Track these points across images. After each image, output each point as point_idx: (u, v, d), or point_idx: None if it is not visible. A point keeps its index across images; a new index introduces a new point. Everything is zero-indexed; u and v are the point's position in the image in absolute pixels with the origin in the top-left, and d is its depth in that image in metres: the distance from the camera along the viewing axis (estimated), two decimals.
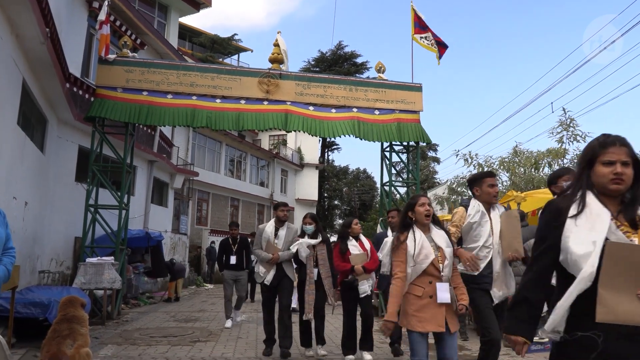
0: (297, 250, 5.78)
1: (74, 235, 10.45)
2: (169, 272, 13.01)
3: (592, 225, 1.81)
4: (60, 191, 10.15)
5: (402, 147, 10.84)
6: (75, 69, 10.50)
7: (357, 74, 35.05)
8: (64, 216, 10.16)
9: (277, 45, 10.38)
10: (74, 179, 10.76)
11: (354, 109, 10.06)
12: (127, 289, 10.65)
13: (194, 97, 9.56)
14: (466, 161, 15.81)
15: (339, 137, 10.07)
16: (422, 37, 11.18)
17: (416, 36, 11.21)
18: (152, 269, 12.77)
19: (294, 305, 9.11)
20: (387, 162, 10.75)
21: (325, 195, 39.03)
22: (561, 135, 13.74)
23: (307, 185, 33.20)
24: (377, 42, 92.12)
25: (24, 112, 7.54)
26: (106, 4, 9.52)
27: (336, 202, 40.05)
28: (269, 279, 5.87)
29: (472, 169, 15.79)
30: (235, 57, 39.28)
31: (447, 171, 69.03)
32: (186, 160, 22.22)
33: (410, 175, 11.15)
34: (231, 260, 8.33)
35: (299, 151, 33.60)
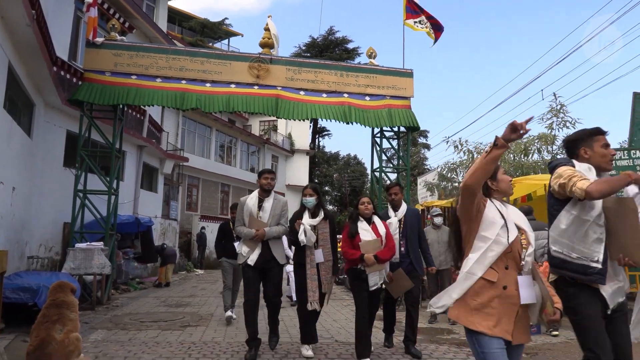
0: (298, 231, 5.00)
1: (62, 220, 10.38)
2: (160, 257, 13.01)
3: None
4: (48, 176, 10.06)
5: (392, 133, 10.87)
6: (62, 52, 10.34)
7: (349, 60, 34.88)
8: (53, 201, 10.09)
9: (267, 29, 10.27)
10: (62, 164, 10.66)
11: (345, 95, 10.03)
12: (117, 275, 10.64)
13: (184, 82, 9.47)
14: (456, 148, 15.87)
15: (329, 121, 10.05)
16: (416, 21, 11.11)
17: (408, 21, 11.15)
18: (142, 254, 12.77)
19: (294, 298, 8.95)
20: (378, 148, 10.77)
21: (315, 181, 39.02)
22: (551, 121, 13.84)
23: (298, 171, 33.20)
24: (369, 27, 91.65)
25: (10, 96, 7.42)
26: None
27: (327, 188, 40.05)
28: (253, 259, 4.97)
29: (462, 155, 15.88)
30: (225, 41, 38.89)
31: (437, 157, 69.35)
32: (176, 145, 22.09)
33: (400, 161, 11.21)
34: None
35: (290, 137, 33.53)
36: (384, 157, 10.99)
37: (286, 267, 9.09)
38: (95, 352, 5.00)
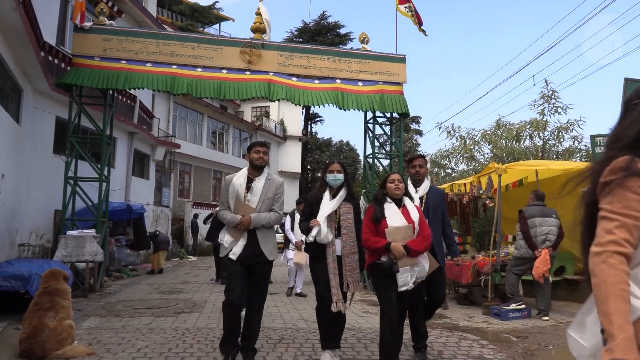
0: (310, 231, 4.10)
1: (53, 208, 10.29)
2: (153, 243, 12.98)
3: None
4: (38, 163, 9.95)
5: (385, 119, 10.84)
6: (50, 37, 10.16)
7: (341, 45, 34.60)
8: (43, 189, 9.99)
9: (259, 14, 10.15)
10: (51, 151, 10.54)
11: (337, 80, 9.96)
12: (109, 262, 10.61)
13: (174, 67, 9.36)
14: (449, 134, 15.92)
15: (322, 107, 10.00)
16: (405, 6, 11.05)
17: (400, 7, 11.08)
18: (134, 241, 12.74)
19: (298, 290, 8.69)
20: (371, 134, 10.74)
21: (308, 167, 38.99)
22: (543, 107, 13.89)
23: (290, 157, 33.14)
24: (361, 12, 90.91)
25: None
26: None
27: (319, 175, 40.10)
28: (236, 252, 4.09)
29: (455, 141, 15.92)
30: (216, 26, 38.45)
31: (430, 143, 69.52)
32: (167, 132, 21.93)
33: (393, 147, 11.20)
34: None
35: (282, 123, 33.39)
36: (377, 144, 10.98)
37: (287, 253, 9.00)
38: (88, 339, 4.99)
